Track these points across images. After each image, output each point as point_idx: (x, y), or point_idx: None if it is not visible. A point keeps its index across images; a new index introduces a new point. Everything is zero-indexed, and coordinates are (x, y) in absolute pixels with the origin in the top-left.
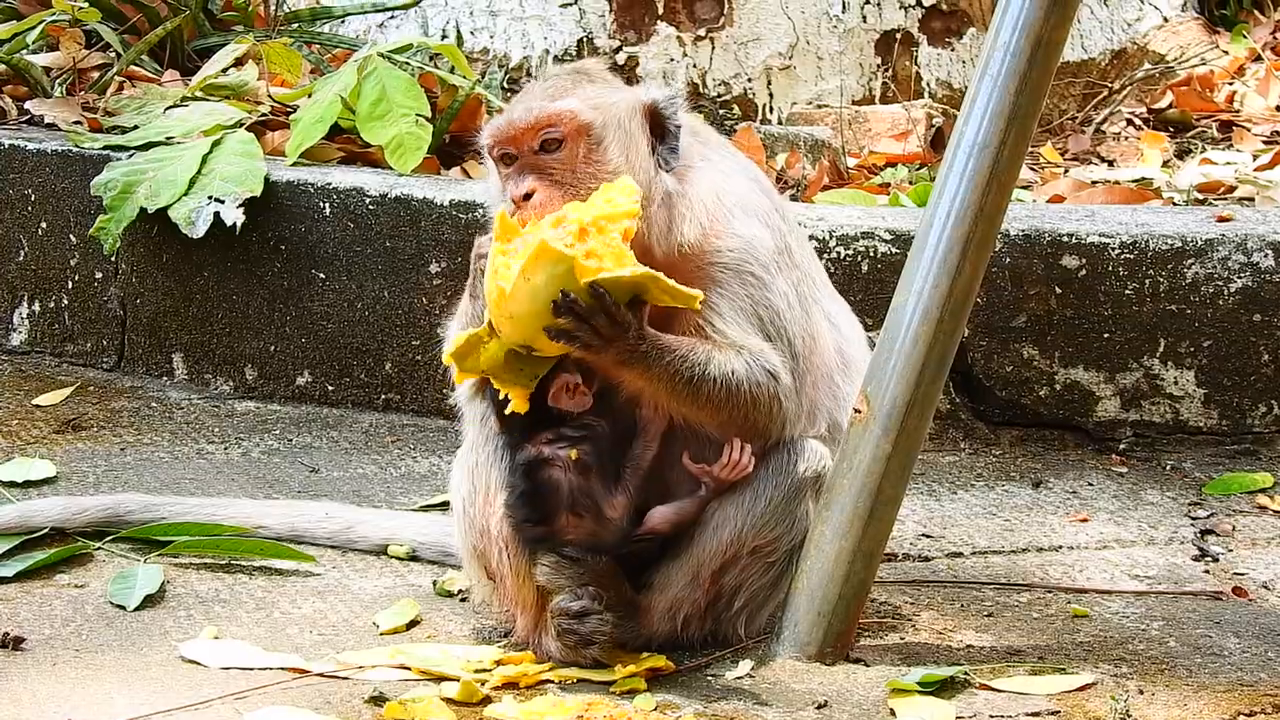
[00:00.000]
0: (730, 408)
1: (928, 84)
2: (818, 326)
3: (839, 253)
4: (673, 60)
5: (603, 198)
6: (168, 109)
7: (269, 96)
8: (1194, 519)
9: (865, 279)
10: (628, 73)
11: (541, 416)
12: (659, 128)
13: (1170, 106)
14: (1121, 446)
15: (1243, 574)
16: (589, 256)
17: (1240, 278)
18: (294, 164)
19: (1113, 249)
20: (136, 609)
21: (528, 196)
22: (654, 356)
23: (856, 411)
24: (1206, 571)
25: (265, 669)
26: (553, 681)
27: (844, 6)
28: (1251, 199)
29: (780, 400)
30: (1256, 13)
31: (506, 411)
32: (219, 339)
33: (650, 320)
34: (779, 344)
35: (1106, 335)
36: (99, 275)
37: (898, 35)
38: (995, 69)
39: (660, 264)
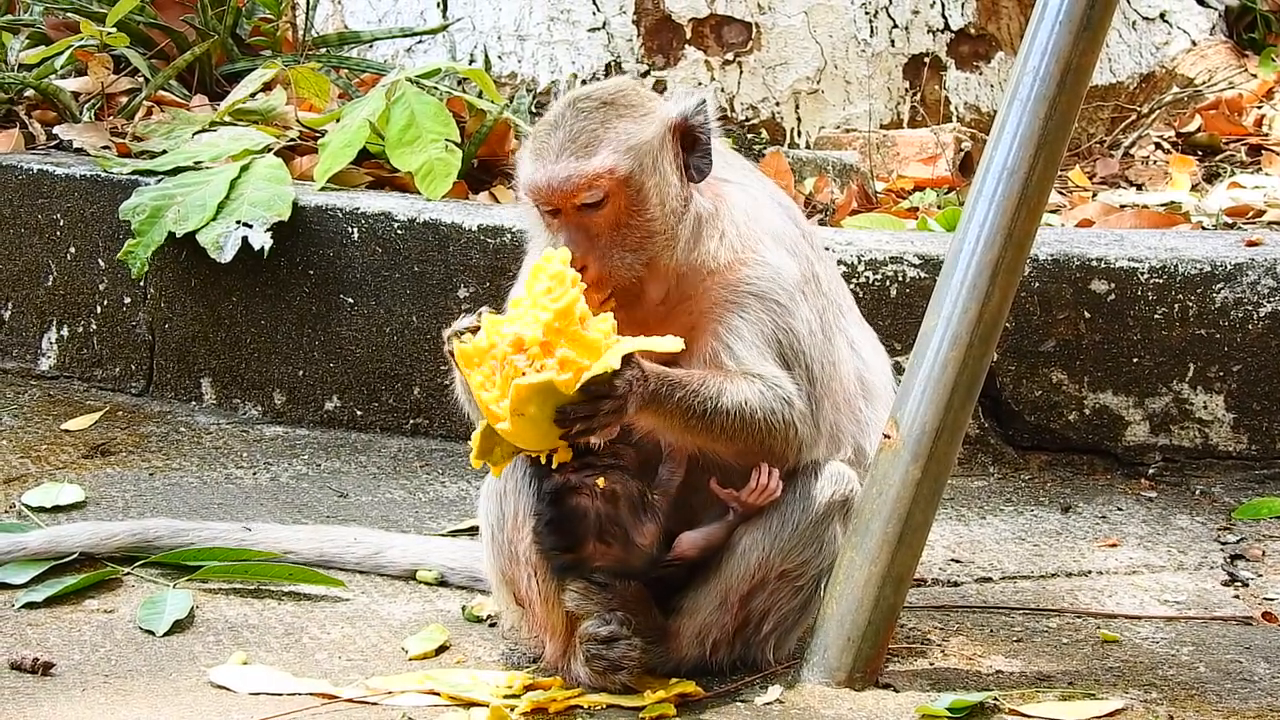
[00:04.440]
0: (745, 436)
1: (956, 108)
2: (839, 353)
3: (867, 277)
4: (700, 84)
5: (538, 288)
6: (196, 134)
7: (297, 121)
8: (1223, 544)
9: (894, 303)
10: None
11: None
12: (690, 139)
13: (1199, 130)
14: (1151, 471)
15: (1272, 599)
16: (564, 367)
17: (1270, 302)
18: (322, 189)
19: (1141, 273)
20: (165, 634)
21: (583, 269)
22: (665, 395)
23: (886, 437)
24: (1236, 596)
25: (294, 695)
26: (581, 707)
27: (872, 30)
28: None
29: (795, 426)
30: None
31: (553, 465)
32: (247, 364)
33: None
34: (796, 369)
35: (1135, 360)
36: (127, 300)
37: (926, 59)
38: (1024, 94)
39: (680, 277)
